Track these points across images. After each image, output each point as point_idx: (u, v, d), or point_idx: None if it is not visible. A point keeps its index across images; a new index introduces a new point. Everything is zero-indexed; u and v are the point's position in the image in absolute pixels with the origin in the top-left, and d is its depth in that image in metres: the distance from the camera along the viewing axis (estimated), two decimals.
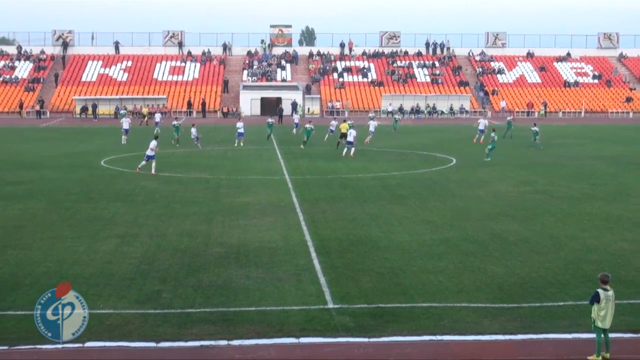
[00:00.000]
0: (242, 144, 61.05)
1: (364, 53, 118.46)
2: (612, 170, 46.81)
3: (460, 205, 34.36)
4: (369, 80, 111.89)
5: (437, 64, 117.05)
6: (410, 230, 28.90)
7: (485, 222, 30.47)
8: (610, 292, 16.51)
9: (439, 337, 17.80)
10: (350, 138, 53.22)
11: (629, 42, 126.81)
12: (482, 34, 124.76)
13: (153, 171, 43.56)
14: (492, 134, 54.13)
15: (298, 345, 17.43)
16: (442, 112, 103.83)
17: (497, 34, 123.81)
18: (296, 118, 77.98)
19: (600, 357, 16.42)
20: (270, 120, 70.04)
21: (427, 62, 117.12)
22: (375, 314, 19.32)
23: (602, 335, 16.49)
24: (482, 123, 66.84)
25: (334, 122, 68.04)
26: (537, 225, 30.03)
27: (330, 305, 19.90)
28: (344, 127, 58.93)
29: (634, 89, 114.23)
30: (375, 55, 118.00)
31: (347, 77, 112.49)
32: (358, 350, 17.17)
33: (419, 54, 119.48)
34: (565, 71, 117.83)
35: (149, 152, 44.25)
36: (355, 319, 18.92)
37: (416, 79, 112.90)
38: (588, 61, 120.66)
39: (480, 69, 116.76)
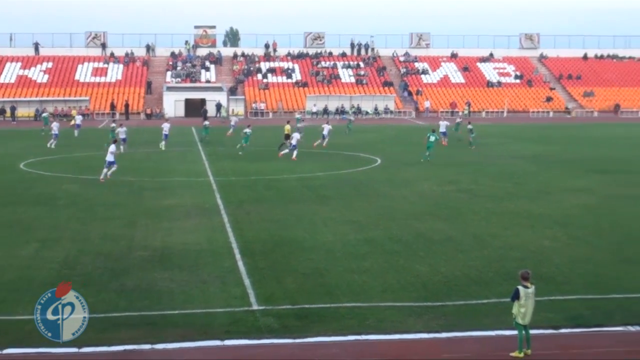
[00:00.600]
0: (163, 147, 59.74)
1: (288, 54, 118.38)
2: (533, 169, 47.51)
3: (385, 205, 34.50)
4: (294, 81, 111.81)
5: (361, 64, 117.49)
6: (334, 231, 28.91)
7: (409, 222, 30.64)
8: (531, 289, 16.70)
9: (364, 337, 17.82)
10: (293, 141, 52.85)
11: (549, 43, 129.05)
12: (407, 35, 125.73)
13: (102, 177, 41.61)
14: (429, 134, 54.05)
15: (223, 347, 17.29)
16: (367, 113, 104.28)
17: (421, 35, 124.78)
18: (233, 120, 76.49)
19: (522, 354, 16.60)
20: (206, 122, 69.31)
21: (351, 63, 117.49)
22: (300, 314, 19.27)
23: (523, 332, 16.67)
24: (443, 125, 66.78)
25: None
26: (461, 224, 30.31)
27: (255, 307, 19.79)
28: (287, 129, 59.69)
29: (554, 88, 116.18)
30: (300, 56, 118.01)
31: (271, 78, 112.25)
32: (283, 351, 17.09)
33: (344, 54, 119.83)
34: (488, 71, 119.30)
35: (109, 158, 42.05)
36: (280, 320, 18.84)
37: (341, 79, 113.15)
38: (510, 61, 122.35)
39: (405, 70, 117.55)
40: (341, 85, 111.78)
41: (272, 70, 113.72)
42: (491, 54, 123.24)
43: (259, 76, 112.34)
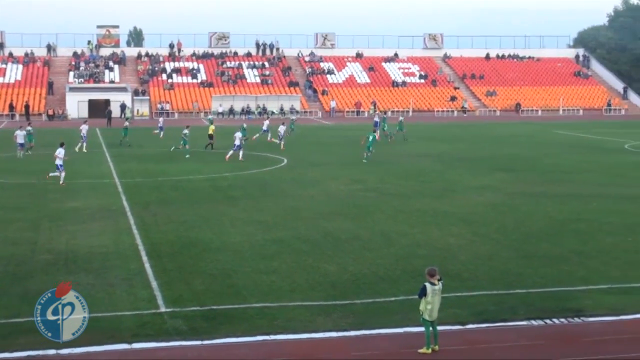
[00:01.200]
0: (85, 149, 58.31)
1: (193, 54, 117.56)
2: (439, 168, 48.15)
3: (292, 205, 34.53)
4: (199, 81, 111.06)
5: (267, 64, 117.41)
6: (242, 231, 28.82)
7: (317, 221, 30.72)
8: (437, 286, 16.92)
9: (272, 337, 17.80)
10: (237, 141, 52.22)
11: (452, 43, 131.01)
12: (312, 35, 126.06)
13: (62, 182, 40.54)
14: (368, 134, 54.30)
15: (130, 350, 17.07)
16: (273, 113, 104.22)
17: (326, 35, 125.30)
18: (160, 121, 74.77)
19: (429, 350, 16.80)
20: (126, 123, 68.21)
21: (257, 63, 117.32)
22: (208, 316, 19.14)
23: (431, 328, 16.88)
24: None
25: (266, 122, 68.03)
26: (369, 223, 30.51)
27: (163, 309, 19.60)
28: (210, 128, 60.43)
29: (458, 88, 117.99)
30: (205, 56, 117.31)
31: (176, 78, 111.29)
32: (191, 353, 16.95)
33: (249, 54, 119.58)
34: (393, 71, 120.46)
35: (58, 162, 40.85)
36: (188, 322, 18.69)
37: (246, 79, 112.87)
38: (414, 61, 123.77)
39: (310, 70, 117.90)
40: (247, 85, 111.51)
41: (177, 71, 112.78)
42: (396, 54, 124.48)
43: (164, 76, 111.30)
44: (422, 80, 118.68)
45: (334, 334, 18.08)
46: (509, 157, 53.87)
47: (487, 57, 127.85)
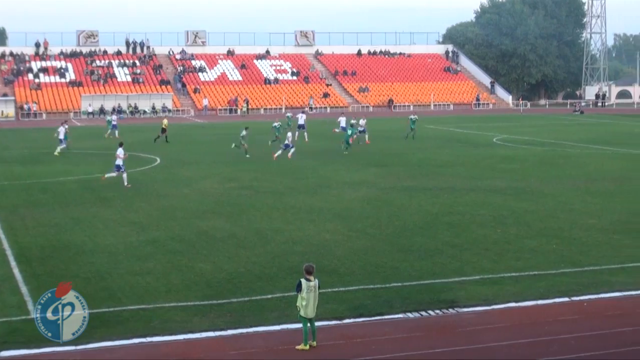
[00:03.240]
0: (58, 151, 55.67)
1: (61, 53, 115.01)
2: (313, 164, 48.30)
3: (166, 205, 34.10)
4: (67, 80, 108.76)
5: (137, 63, 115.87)
6: (115, 233, 28.27)
7: (191, 220, 30.41)
8: (313, 282, 16.91)
9: (149, 339, 17.50)
10: (288, 141, 51.31)
11: (324, 40, 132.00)
12: (182, 33, 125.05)
13: (126, 183, 39.52)
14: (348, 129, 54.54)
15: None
16: (145, 112, 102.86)
17: (197, 33, 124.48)
18: (114, 119, 72.48)
19: (307, 346, 16.78)
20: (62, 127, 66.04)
21: (127, 61, 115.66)
22: None
23: (309, 324, 16.87)
24: (343, 120, 67.08)
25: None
26: (244, 221, 30.37)
27: (34, 315, 18.98)
28: (164, 123, 63.96)
29: (330, 84, 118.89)
30: (73, 55, 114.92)
31: (43, 78, 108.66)
32: (66, 358, 16.50)
33: (119, 53, 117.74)
34: (265, 68, 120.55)
35: (119, 162, 39.74)
36: None
37: (117, 78, 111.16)
38: (286, 58, 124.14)
39: (182, 68, 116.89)
40: (117, 84, 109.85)
41: (44, 70, 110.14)
42: (267, 51, 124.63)
43: (30, 76, 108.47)
44: (295, 77, 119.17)
45: (210, 334, 17.90)
46: (382, 152, 54.51)
47: (359, 53, 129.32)
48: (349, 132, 56.05)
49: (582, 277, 22.23)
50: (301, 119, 66.33)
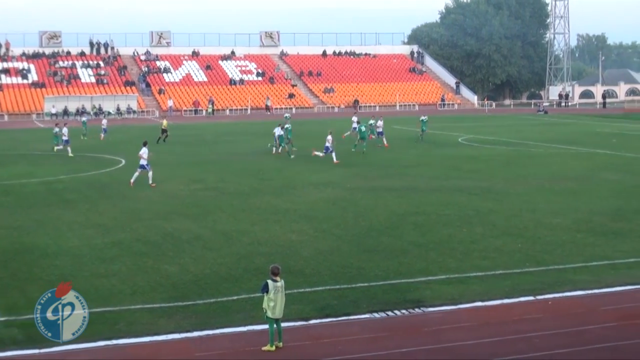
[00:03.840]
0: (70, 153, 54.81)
1: (23, 54, 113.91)
2: (278, 165, 48.25)
3: (131, 207, 33.89)
4: (30, 82, 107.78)
5: (101, 64, 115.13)
6: (80, 235, 28.06)
7: (157, 222, 30.27)
8: (279, 283, 16.90)
9: (114, 342, 17.40)
10: (328, 144, 50.27)
11: (289, 40, 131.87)
12: (147, 34, 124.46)
13: (151, 182, 39.61)
14: (361, 125, 54.34)
15: None
16: (109, 113, 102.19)
17: (162, 33, 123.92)
18: (104, 123, 71.79)
19: (273, 347, 16.76)
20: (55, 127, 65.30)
21: (91, 62, 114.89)
22: None
23: (275, 325, 16.85)
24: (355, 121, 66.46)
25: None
26: (209, 222, 30.27)
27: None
28: (164, 124, 64.31)
29: (296, 85, 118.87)
30: (36, 56, 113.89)
31: (5, 79, 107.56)
32: None
33: (83, 54, 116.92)
34: (231, 69, 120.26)
35: (143, 162, 39.66)
36: (24, 330, 17.99)
37: (80, 79, 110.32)
38: (252, 59, 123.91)
39: (146, 69, 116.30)
40: (81, 85, 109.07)
41: (5, 71, 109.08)
42: (233, 52, 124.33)
43: None
44: (260, 78, 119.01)
45: (176, 336, 17.83)
46: (348, 152, 54.48)
47: (324, 54, 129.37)
48: (362, 128, 55.62)
49: (546, 276, 22.41)
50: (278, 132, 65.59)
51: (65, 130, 56.02)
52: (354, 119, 67.68)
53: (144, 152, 40.08)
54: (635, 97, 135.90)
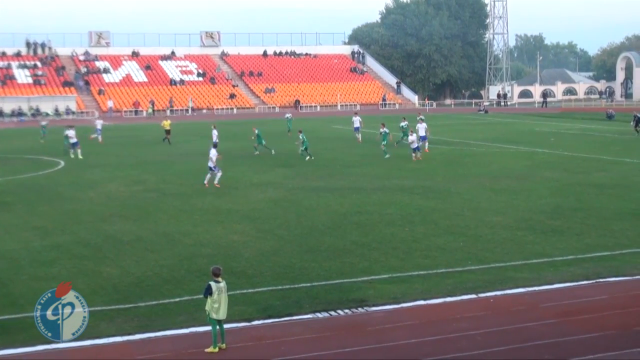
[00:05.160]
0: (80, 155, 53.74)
1: None
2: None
3: (70, 209, 33.47)
4: None
5: (39, 64, 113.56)
6: (17, 238, 27.63)
7: (97, 224, 29.93)
8: (222, 284, 16.82)
9: (54, 346, 17.10)
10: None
11: (230, 41, 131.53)
12: (85, 33, 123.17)
13: (216, 182, 39.56)
14: (384, 130, 53.47)
15: None
16: (47, 114, 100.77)
17: (101, 33, 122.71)
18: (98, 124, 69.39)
19: (217, 349, 16.67)
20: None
21: (28, 63, 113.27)
22: None
23: (218, 327, 16.75)
24: (356, 120, 65.46)
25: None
26: (151, 224, 30.01)
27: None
28: (164, 124, 63.81)
29: (237, 85, 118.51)
30: None
31: None
32: None
33: (19, 54, 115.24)
34: (171, 69, 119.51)
35: (211, 164, 39.65)
36: None
37: (17, 80, 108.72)
38: (192, 59, 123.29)
39: (85, 69, 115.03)
40: (17, 86, 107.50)
41: None
42: (173, 52, 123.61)
43: None
44: (201, 78, 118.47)
45: (118, 339, 17.65)
46: (289, 152, 54.42)
47: (265, 54, 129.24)
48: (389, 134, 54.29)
49: (488, 274, 22.58)
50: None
51: (72, 132, 54.39)
52: (354, 118, 66.98)
53: (213, 153, 40.17)
54: (572, 97, 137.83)
